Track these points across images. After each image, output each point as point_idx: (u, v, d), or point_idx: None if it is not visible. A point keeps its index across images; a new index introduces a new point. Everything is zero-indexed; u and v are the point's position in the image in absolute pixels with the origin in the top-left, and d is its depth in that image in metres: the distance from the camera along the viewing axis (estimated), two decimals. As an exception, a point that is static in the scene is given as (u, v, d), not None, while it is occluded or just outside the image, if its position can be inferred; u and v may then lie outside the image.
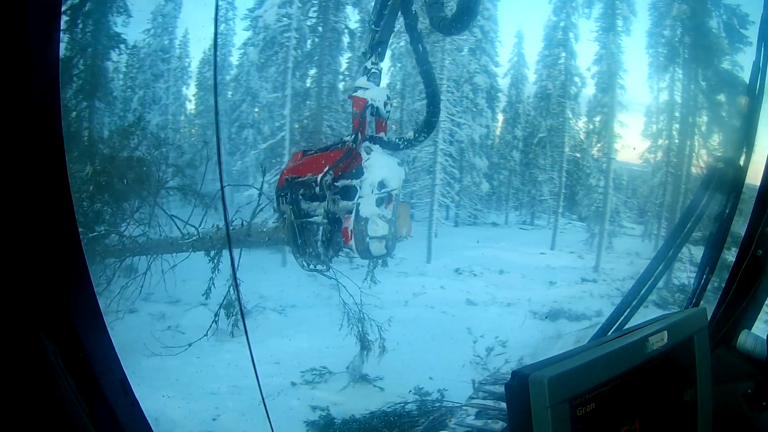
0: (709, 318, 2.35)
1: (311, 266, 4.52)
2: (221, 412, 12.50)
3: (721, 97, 26.81)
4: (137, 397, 1.46)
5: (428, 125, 4.28)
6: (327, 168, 4.02)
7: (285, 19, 26.38)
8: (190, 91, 34.89)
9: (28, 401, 1.20)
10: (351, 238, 3.94)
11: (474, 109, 33.78)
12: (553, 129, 35.49)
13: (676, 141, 30.27)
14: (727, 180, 2.33)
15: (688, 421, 1.93)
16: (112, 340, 1.40)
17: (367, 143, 4.13)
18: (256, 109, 30.70)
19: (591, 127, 33.54)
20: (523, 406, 1.50)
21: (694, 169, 28.73)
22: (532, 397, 1.49)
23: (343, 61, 32.54)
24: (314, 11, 28.14)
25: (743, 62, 26.29)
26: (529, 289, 25.22)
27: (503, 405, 7.98)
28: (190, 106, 35.10)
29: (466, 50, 32.97)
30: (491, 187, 38.97)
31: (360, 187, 3.94)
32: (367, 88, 4.16)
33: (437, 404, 12.72)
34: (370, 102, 4.09)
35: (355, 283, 14.11)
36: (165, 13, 31.30)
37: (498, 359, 15.57)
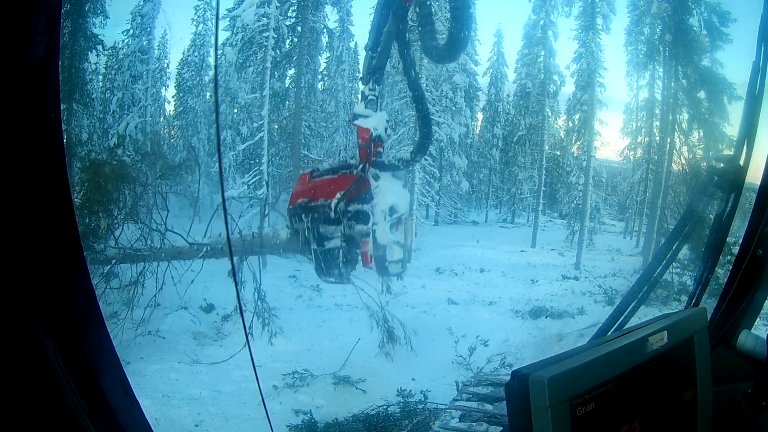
0: (709, 318, 2.35)
1: (332, 280, 4.69)
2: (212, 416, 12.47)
3: (702, 94, 27.06)
4: (137, 397, 1.44)
5: (422, 147, 4.45)
6: (339, 195, 4.17)
7: (263, 18, 26.30)
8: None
9: (28, 401, 1.19)
10: (371, 262, 4.10)
11: (453, 108, 33.85)
12: (532, 127, 35.68)
13: (657, 138, 30.55)
14: (727, 180, 2.32)
15: (688, 421, 1.93)
16: (112, 340, 1.39)
17: (373, 170, 4.27)
18: (235, 110, 30.62)
19: (570, 125, 33.81)
20: (523, 406, 1.50)
21: (674, 166, 29.03)
22: (532, 397, 1.48)
23: (322, 60, 32.65)
24: (293, 11, 28.11)
25: (723, 59, 26.72)
26: (510, 288, 25.33)
27: (487, 407, 8.00)
28: (179, 109, 34.97)
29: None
30: (471, 185, 39.16)
31: (372, 213, 4.11)
32: (367, 116, 4.28)
33: (420, 406, 12.71)
34: (373, 133, 4.23)
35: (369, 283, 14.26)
36: (144, 13, 31.09)
37: (480, 359, 15.58)
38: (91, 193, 15.93)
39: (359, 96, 4.69)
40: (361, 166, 4.35)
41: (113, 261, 13.99)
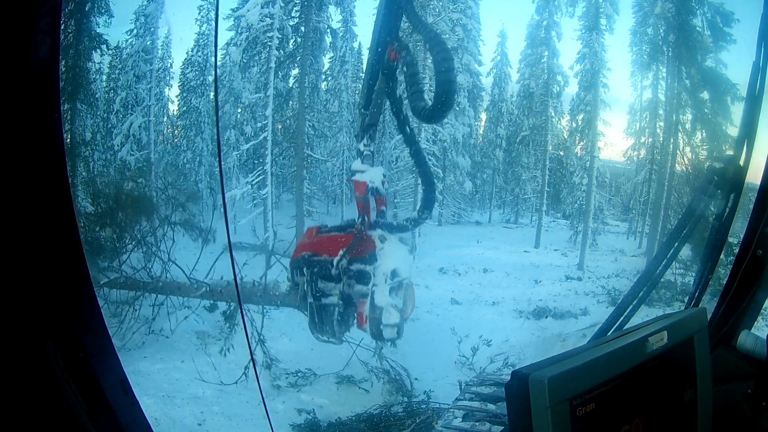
0: (709, 318, 2.35)
1: (325, 339, 4.75)
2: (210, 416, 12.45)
3: (705, 95, 27.04)
4: (137, 397, 1.45)
5: (428, 203, 4.55)
6: (342, 252, 4.22)
7: (267, 18, 26.31)
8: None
9: (28, 401, 1.20)
10: (366, 323, 4.16)
11: (456, 108, 33.71)
12: (536, 127, 35.67)
13: (660, 138, 30.51)
14: (727, 180, 2.33)
15: (688, 421, 1.93)
16: (112, 340, 1.39)
17: (380, 231, 4.35)
18: (239, 110, 30.62)
19: (574, 125, 33.74)
20: (523, 406, 1.50)
21: (678, 167, 28.99)
22: (532, 397, 1.49)
23: (326, 61, 32.67)
24: (297, 11, 28.11)
25: (727, 60, 26.70)
26: (513, 288, 25.30)
27: (490, 406, 7.99)
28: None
29: (448, 49, 32.99)
30: (474, 186, 39.12)
31: (374, 275, 4.17)
32: (364, 171, 4.36)
33: (423, 406, 12.70)
34: (370, 185, 4.30)
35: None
36: (147, 13, 31.06)
37: (483, 359, 15.57)
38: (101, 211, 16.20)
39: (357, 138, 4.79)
40: (360, 218, 4.44)
41: (115, 281, 14.20)
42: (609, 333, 2.23)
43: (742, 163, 2.34)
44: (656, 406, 1.79)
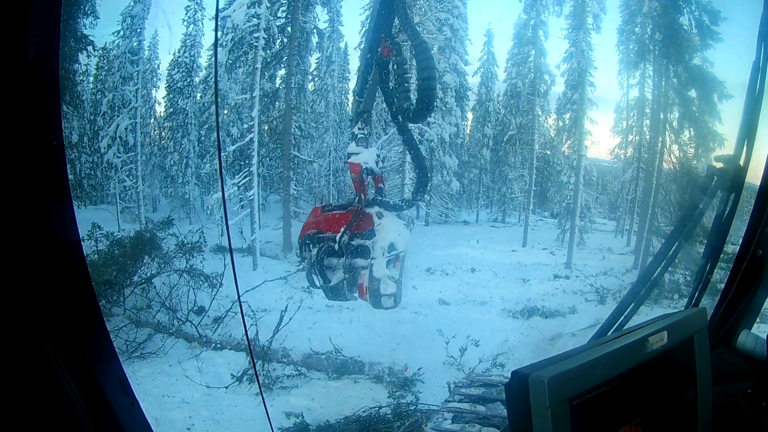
0: (709, 318, 2.35)
1: (335, 299, 4.96)
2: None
3: (692, 93, 27.21)
4: (137, 397, 1.46)
5: (421, 186, 4.71)
6: (343, 229, 4.40)
7: (254, 19, 26.29)
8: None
9: (28, 401, 1.21)
10: (366, 293, 4.33)
11: (443, 108, 33.90)
12: (523, 126, 35.73)
13: (647, 137, 30.71)
14: (727, 180, 2.33)
15: (687, 421, 1.93)
16: (112, 340, 1.39)
17: (377, 208, 4.53)
18: (225, 111, 30.60)
19: (561, 124, 33.94)
20: (523, 406, 1.50)
21: (665, 165, 29.15)
22: (531, 397, 1.49)
23: (312, 61, 32.68)
24: (283, 11, 28.15)
25: (714, 58, 26.89)
26: (501, 287, 25.29)
27: (480, 408, 8.01)
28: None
29: (435, 49, 33.13)
30: (462, 185, 39.19)
31: (372, 248, 4.33)
32: (359, 153, 4.53)
33: (412, 408, 12.66)
34: (364, 166, 4.45)
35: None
36: (134, 14, 30.99)
37: (472, 359, 15.54)
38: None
39: (351, 118, 4.96)
40: (357, 198, 4.63)
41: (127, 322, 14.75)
42: (609, 333, 2.23)
43: (742, 163, 2.34)
44: (656, 406, 1.79)
